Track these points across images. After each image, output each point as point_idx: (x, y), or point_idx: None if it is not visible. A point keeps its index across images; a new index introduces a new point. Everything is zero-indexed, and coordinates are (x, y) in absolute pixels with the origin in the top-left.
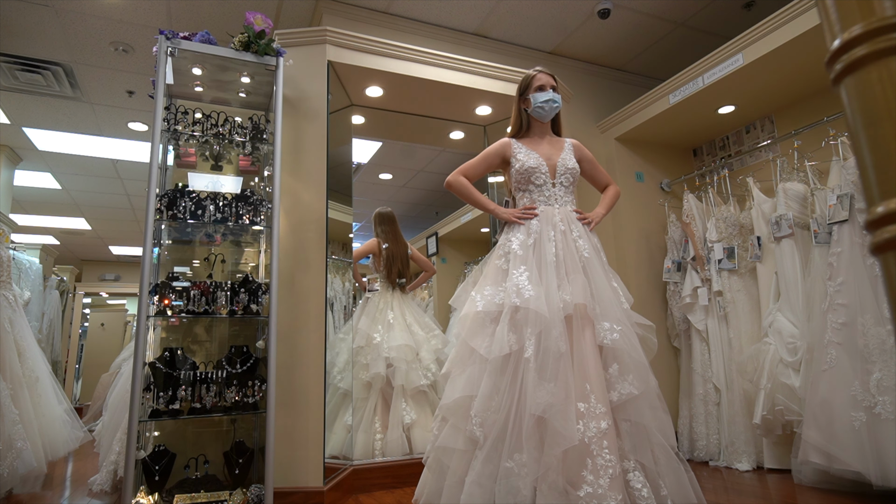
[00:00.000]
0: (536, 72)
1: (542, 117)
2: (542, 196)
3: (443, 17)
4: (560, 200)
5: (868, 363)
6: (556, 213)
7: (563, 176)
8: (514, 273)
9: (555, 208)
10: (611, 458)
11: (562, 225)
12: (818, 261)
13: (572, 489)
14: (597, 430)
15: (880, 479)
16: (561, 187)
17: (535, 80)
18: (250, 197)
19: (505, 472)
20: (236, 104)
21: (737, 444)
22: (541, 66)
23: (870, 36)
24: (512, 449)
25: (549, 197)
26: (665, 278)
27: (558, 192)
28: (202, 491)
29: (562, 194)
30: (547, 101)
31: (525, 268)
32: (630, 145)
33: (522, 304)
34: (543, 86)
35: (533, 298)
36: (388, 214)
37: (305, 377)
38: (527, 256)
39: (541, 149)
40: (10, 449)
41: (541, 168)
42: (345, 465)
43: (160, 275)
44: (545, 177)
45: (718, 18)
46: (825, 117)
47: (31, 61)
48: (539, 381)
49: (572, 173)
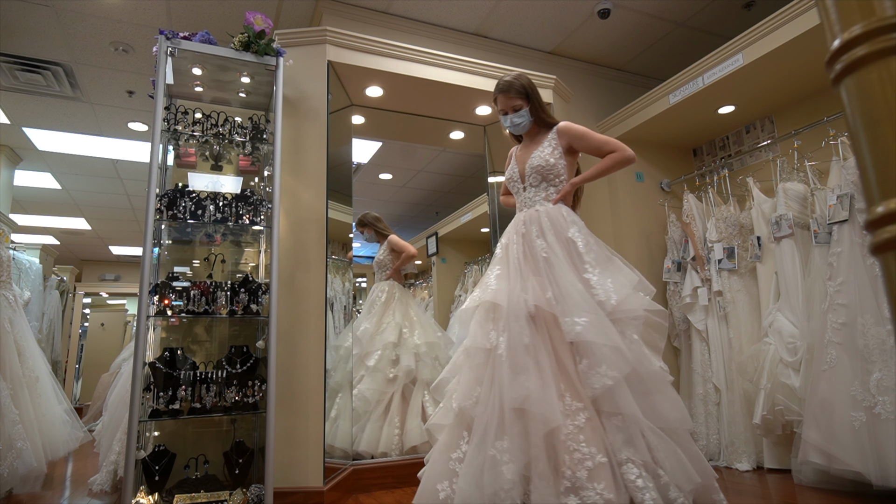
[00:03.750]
0: (496, 94)
1: (515, 133)
2: (519, 202)
3: (443, 17)
4: (530, 202)
5: (868, 363)
6: (520, 218)
7: (530, 177)
8: (489, 273)
9: (523, 213)
10: (589, 451)
11: (522, 228)
12: (818, 261)
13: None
14: (573, 426)
15: (880, 479)
16: (531, 189)
17: (497, 104)
18: (250, 197)
19: (490, 461)
20: (236, 104)
21: (737, 444)
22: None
23: (870, 36)
24: (494, 438)
25: (522, 202)
26: (665, 278)
27: (528, 195)
28: (202, 491)
29: (531, 195)
30: (509, 126)
31: (498, 267)
32: (630, 145)
33: (487, 298)
34: (504, 110)
35: (493, 291)
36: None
37: (305, 377)
38: (501, 258)
39: (523, 154)
40: (10, 449)
41: (513, 177)
42: (345, 465)
43: (160, 275)
44: (517, 184)
45: (718, 18)
46: (825, 117)
47: (31, 61)
48: (512, 374)
49: (538, 171)
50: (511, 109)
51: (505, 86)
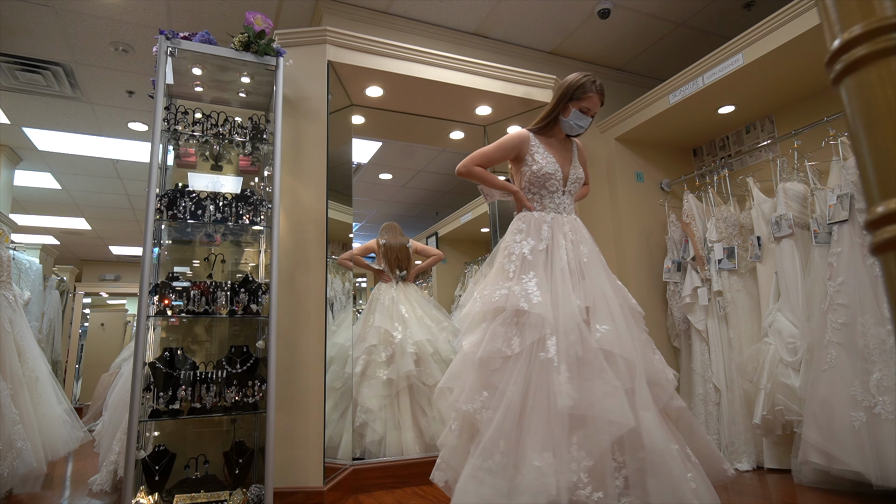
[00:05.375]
0: (594, 90)
1: (568, 132)
2: (553, 203)
3: (443, 17)
4: (568, 208)
5: (868, 363)
6: (565, 223)
7: (573, 185)
8: (524, 278)
9: (563, 216)
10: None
11: (571, 234)
12: (818, 261)
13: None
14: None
15: (880, 479)
16: (569, 195)
17: (587, 99)
18: (250, 197)
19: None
20: (236, 104)
21: (737, 444)
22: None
23: (870, 36)
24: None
25: (558, 204)
26: (665, 278)
27: (566, 200)
28: (202, 491)
29: (568, 202)
30: (582, 126)
31: (534, 273)
32: (630, 145)
33: (530, 309)
34: (589, 109)
35: (540, 304)
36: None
37: (305, 377)
38: (537, 262)
39: (557, 153)
40: (10, 449)
41: (556, 175)
42: (345, 465)
43: (160, 275)
44: (558, 184)
45: (718, 18)
46: (825, 117)
47: (31, 61)
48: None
49: (579, 182)
50: (592, 113)
51: (602, 88)
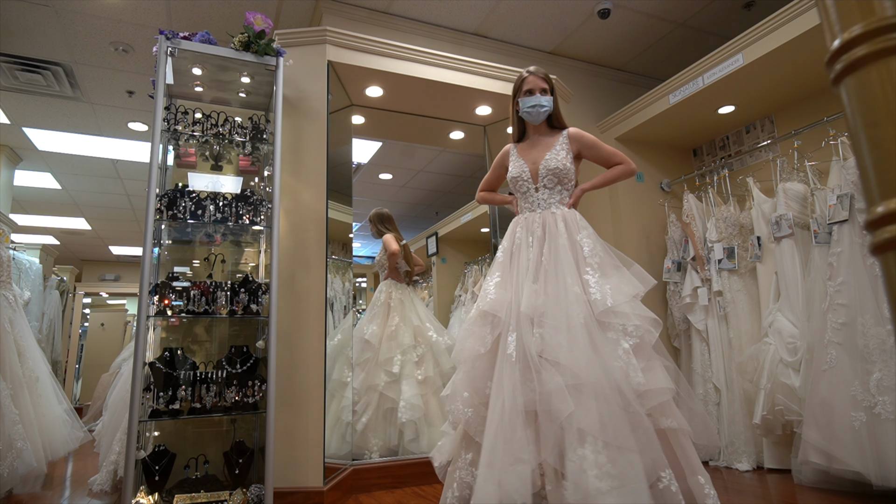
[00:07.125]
0: (527, 73)
1: (531, 121)
2: (527, 203)
3: (443, 17)
4: (543, 204)
5: (868, 363)
6: (536, 220)
7: (546, 178)
8: (489, 279)
9: (536, 214)
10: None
11: (541, 231)
12: (818, 261)
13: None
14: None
15: (880, 479)
16: (545, 190)
17: (525, 82)
18: (250, 197)
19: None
20: (236, 104)
21: (737, 444)
22: (534, 67)
23: (870, 36)
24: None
25: (532, 203)
26: (665, 278)
27: (541, 196)
28: (202, 491)
29: (545, 197)
30: (533, 107)
31: (499, 273)
32: (630, 145)
33: (484, 307)
34: (532, 89)
35: (492, 301)
36: (389, 213)
37: (305, 377)
38: (504, 262)
39: (530, 153)
40: (10, 449)
41: (522, 176)
42: (345, 465)
43: (160, 275)
44: (528, 184)
45: (718, 18)
46: (825, 117)
47: (31, 61)
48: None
49: (555, 173)
50: (540, 90)
51: (536, 68)
